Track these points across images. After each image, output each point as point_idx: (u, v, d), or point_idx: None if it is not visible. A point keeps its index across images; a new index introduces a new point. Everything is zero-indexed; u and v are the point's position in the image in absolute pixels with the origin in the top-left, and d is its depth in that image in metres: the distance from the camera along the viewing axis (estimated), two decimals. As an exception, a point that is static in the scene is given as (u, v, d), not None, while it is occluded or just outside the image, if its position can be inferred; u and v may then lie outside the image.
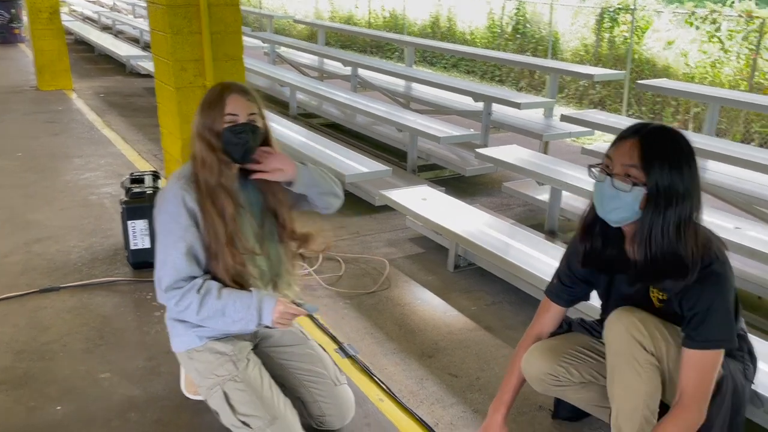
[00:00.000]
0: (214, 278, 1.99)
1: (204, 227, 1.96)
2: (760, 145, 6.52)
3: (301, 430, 2.02)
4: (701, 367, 1.69)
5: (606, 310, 2.01)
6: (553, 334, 2.06)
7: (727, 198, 3.86)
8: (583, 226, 1.88)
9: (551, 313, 2.05)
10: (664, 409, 1.77)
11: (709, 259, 1.67)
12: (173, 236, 1.94)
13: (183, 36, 3.28)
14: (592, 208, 1.83)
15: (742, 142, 6.55)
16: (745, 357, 1.88)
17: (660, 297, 1.78)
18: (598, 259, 1.87)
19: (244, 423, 1.96)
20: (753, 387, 1.92)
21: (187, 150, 2.55)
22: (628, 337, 1.74)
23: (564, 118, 5.07)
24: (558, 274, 2.03)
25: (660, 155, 1.64)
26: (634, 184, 1.64)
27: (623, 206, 1.67)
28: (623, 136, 1.70)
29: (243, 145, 1.96)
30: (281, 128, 5.25)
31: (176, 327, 2.08)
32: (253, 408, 1.96)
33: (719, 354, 1.70)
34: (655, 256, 1.67)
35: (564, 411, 2.24)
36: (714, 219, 3.11)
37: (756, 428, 2.09)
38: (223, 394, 1.99)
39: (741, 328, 1.88)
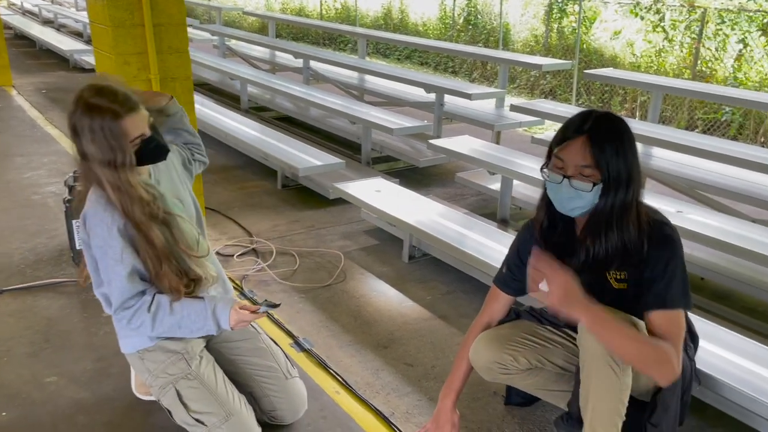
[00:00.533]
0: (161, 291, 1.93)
1: (139, 248, 1.88)
2: (704, 132, 6.75)
3: (256, 426, 2.01)
4: (670, 325, 1.71)
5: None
6: (501, 322, 2.08)
7: (670, 183, 3.99)
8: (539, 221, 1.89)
9: (500, 302, 2.07)
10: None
11: (660, 226, 1.74)
12: (111, 260, 1.87)
13: (125, 29, 3.19)
14: (544, 206, 1.85)
15: (687, 128, 6.76)
16: (686, 336, 1.94)
17: (618, 277, 1.81)
18: (550, 245, 1.89)
19: (198, 421, 1.94)
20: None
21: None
22: None
23: (514, 108, 5.13)
24: (507, 262, 2.04)
25: (610, 149, 1.67)
26: (594, 183, 1.68)
27: (585, 204, 1.72)
28: (569, 135, 1.71)
29: (158, 147, 1.93)
30: (233, 122, 5.17)
31: (125, 328, 2.02)
32: (207, 405, 1.94)
33: (682, 313, 1.75)
34: (610, 238, 1.72)
35: (516, 397, 2.28)
36: (657, 203, 3.17)
37: (694, 401, 2.17)
38: (176, 393, 1.96)
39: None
